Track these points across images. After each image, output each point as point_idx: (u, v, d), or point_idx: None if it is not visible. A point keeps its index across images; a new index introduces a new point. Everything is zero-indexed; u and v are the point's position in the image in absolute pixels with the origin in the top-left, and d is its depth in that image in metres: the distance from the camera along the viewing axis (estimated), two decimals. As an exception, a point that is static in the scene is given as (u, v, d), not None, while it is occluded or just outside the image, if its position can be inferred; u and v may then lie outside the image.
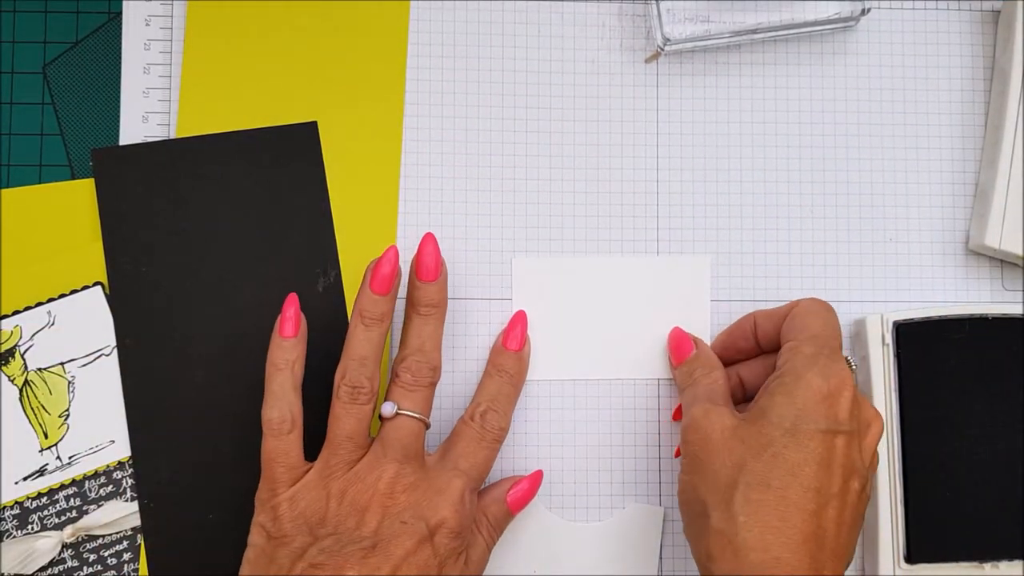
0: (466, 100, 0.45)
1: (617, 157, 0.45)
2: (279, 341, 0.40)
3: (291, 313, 0.40)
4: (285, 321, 0.40)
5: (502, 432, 0.41)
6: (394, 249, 0.40)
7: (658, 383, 0.45)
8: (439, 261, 0.41)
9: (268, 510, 0.38)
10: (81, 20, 0.46)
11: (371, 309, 0.40)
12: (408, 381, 0.40)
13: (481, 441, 0.41)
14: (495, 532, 0.42)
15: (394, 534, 0.37)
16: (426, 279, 0.41)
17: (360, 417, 0.39)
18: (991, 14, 0.47)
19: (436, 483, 0.39)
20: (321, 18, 0.45)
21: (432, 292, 0.41)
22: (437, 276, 0.41)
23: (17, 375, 0.43)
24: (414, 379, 0.40)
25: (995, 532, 0.42)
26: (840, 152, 0.46)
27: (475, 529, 0.41)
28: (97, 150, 0.44)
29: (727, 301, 0.45)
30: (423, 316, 0.41)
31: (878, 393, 0.43)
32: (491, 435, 0.41)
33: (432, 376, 0.40)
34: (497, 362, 0.43)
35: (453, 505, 0.38)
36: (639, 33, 0.46)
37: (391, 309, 0.40)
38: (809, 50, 0.46)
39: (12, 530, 0.43)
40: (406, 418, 0.39)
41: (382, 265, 0.40)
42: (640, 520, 0.44)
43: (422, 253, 0.41)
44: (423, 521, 0.38)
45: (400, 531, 0.38)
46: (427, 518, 0.38)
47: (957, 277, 0.46)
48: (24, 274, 0.43)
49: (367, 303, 0.40)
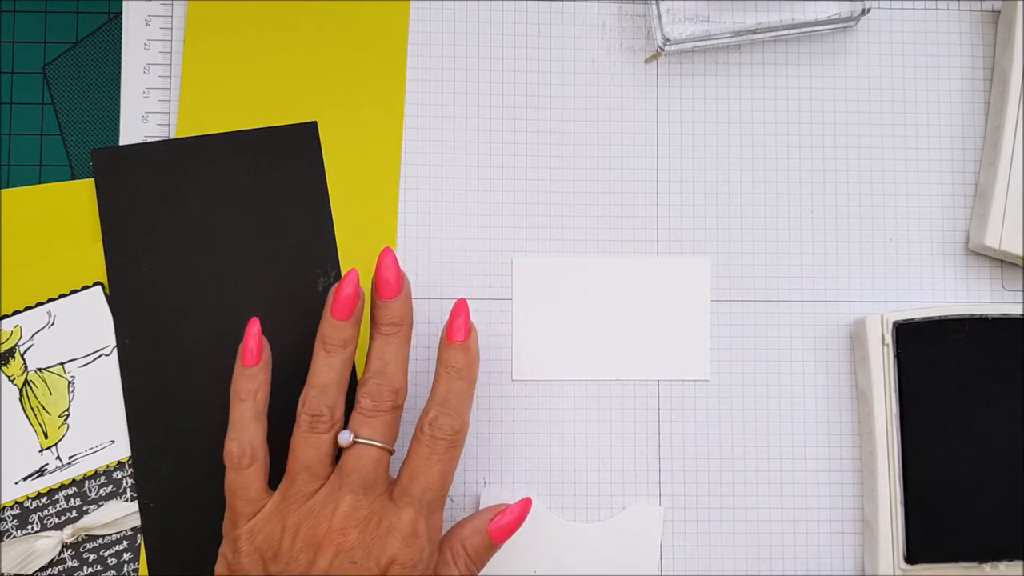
0: (466, 100, 0.45)
1: (617, 157, 0.45)
2: (241, 370, 0.39)
3: (253, 340, 0.39)
4: (247, 349, 0.39)
5: (456, 435, 0.39)
6: (355, 271, 0.39)
7: (658, 383, 0.45)
8: (399, 276, 0.39)
9: (230, 542, 0.38)
10: (81, 20, 0.46)
11: (332, 335, 0.39)
12: (367, 407, 0.38)
13: (431, 455, 0.38)
14: (474, 565, 0.39)
15: (344, 574, 0.36)
16: (386, 296, 0.39)
17: (318, 446, 0.38)
18: (991, 14, 0.47)
19: (387, 517, 0.37)
20: (321, 18, 0.45)
21: (394, 309, 0.39)
22: (398, 292, 0.39)
23: (17, 375, 0.43)
24: (374, 404, 0.38)
25: (995, 532, 0.42)
26: (840, 152, 0.46)
27: (450, 561, 0.39)
28: (97, 150, 0.44)
29: (727, 301, 0.45)
30: (385, 336, 0.39)
31: (878, 393, 0.43)
32: (442, 443, 0.38)
33: (394, 399, 0.39)
34: (443, 358, 0.40)
35: (403, 539, 0.37)
36: (639, 33, 0.46)
37: (355, 335, 0.39)
38: (809, 50, 0.46)
39: (12, 530, 0.43)
40: (365, 446, 0.38)
41: (342, 288, 0.39)
42: (640, 520, 0.44)
43: (380, 267, 0.39)
44: (373, 560, 0.37)
45: (349, 571, 0.36)
46: (377, 556, 0.37)
47: (957, 277, 0.46)
48: (24, 274, 0.43)
49: (327, 328, 0.39)
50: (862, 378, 0.44)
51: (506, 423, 0.44)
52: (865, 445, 0.44)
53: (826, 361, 0.45)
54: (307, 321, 0.43)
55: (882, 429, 0.43)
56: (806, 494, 0.44)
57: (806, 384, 0.45)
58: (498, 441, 0.44)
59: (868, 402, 0.43)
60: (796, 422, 0.45)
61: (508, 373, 0.44)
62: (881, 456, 0.43)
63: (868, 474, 0.44)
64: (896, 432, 0.43)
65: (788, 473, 0.44)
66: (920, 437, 0.43)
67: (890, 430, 0.43)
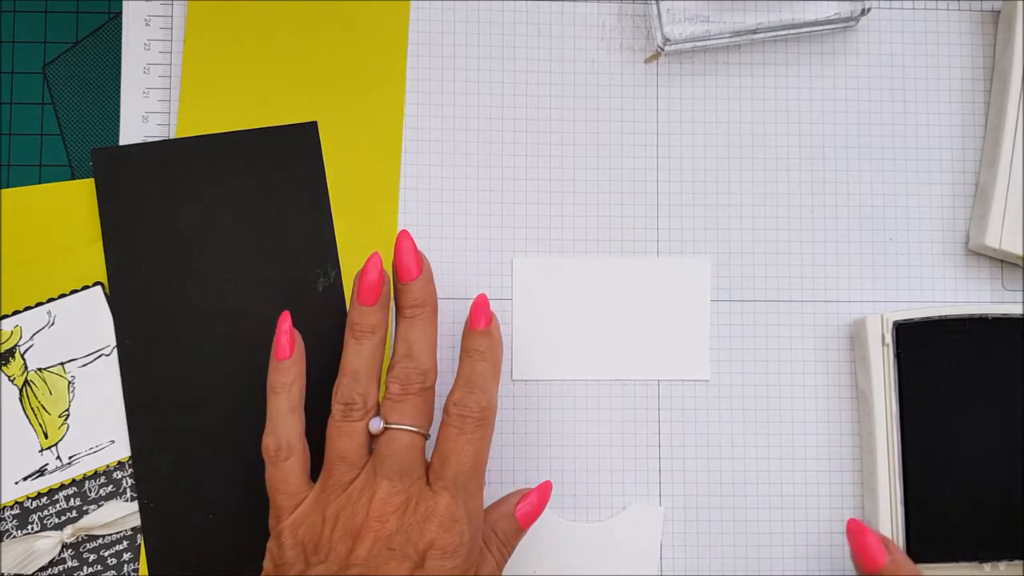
0: (466, 100, 0.45)
1: (617, 157, 0.45)
2: (275, 364, 0.39)
3: (285, 336, 0.39)
4: (279, 344, 0.39)
5: (484, 412, 0.38)
6: (377, 256, 0.39)
7: (658, 383, 0.45)
8: (418, 257, 0.40)
9: (275, 537, 0.38)
10: (81, 20, 0.46)
11: (359, 321, 0.39)
12: (396, 392, 0.38)
13: (460, 435, 0.37)
14: (505, 549, 0.40)
15: (382, 562, 0.36)
16: (406, 279, 0.39)
17: (352, 435, 0.38)
18: (991, 14, 0.47)
19: (424, 502, 0.37)
20: (321, 18, 0.45)
21: (415, 291, 0.39)
22: (418, 273, 0.39)
23: (17, 375, 0.43)
24: (402, 388, 0.38)
25: (995, 532, 0.42)
26: (840, 152, 0.46)
27: (484, 547, 0.39)
28: (97, 150, 0.44)
29: (727, 301, 0.45)
30: (408, 319, 0.39)
31: (878, 393, 0.43)
32: (470, 422, 0.38)
33: (422, 381, 0.38)
34: (466, 345, 0.40)
35: (441, 524, 0.36)
36: (639, 33, 0.46)
37: (383, 320, 0.39)
38: (809, 50, 0.46)
39: (12, 530, 0.43)
40: (396, 431, 0.38)
41: (367, 273, 0.39)
42: (640, 520, 0.44)
43: (399, 251, 0.39)
44: (412, 546, 0.36)
45: (388, 559, 0.36)
46: (415, 542, 0.36)
47: (957, 277, 0.46)
48: (24, 274, 0.43)
49: (355, 315, 0.39)
50: (862, 378, 0.44)
51: (506, 423, 0.44)
52: (865, 445, 0.44)
53: (826, 361, 0.45)
54: (307, 321, 0.43)
55: (882, 429, 0.43)
56: (806, 494, 0.44)
57: (806, 384, 0.45)
58: (498, 441, 0.44)
59: (868, 402, 0.43)
60: (796, 422, 0.45)
61: (508, 373, 0.44)
62: (881, 456, 0.43)
63: (868, 474, 0.44)
64: (896, 432, 0.43)
65: (788, 473, 0.44)
66: (920, 437, 0.43)
67: (890, 430, 0.43)
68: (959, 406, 0.43)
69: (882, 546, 0.39)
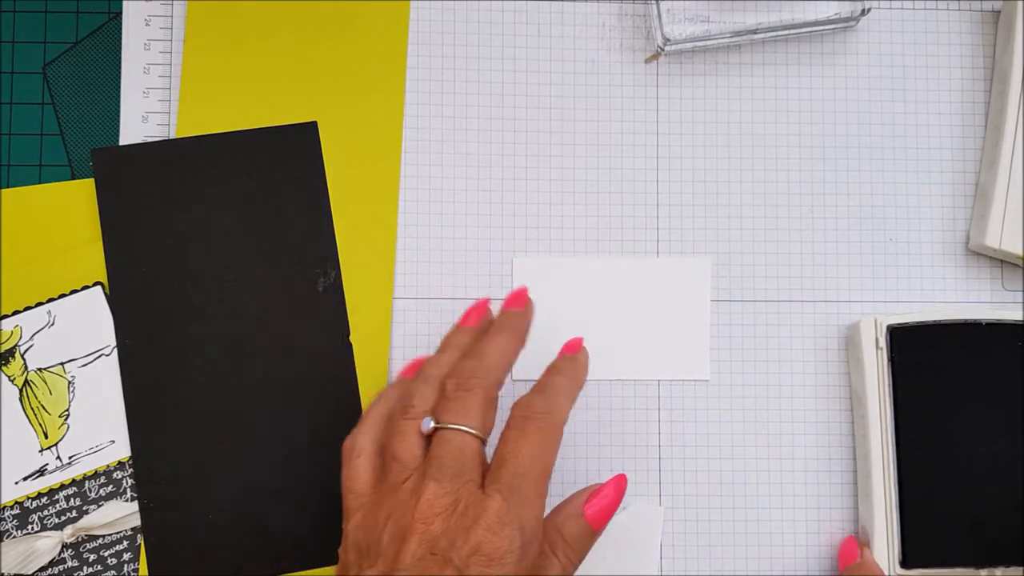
0: (466, 100, 0.45)
1: (617, 157, 0.45)
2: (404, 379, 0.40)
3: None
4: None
5: (548, 416, 0.36)
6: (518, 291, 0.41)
7: (658, 383, 0.45)
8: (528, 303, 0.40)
9: (344, 537, 0.37)
10: (81, 20, 0.46)
11: (452, 337, 0.40)
12: (451, 388, 0.36)
13: (520, 437, 0.35)
14: (573, 553, 0.36)
15: (425, 567, 0.33)
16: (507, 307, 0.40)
17: (405, 435, 0.36)
18: (991, 14, 0.47)
19: (474, 505, 0.34)
20: (321, 18, 0.45)
21: (510, 314, 0.40)
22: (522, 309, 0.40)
23: (17, 375, 0.43)
24: (458, 384, 0.36)
25: (990, 537, 0.42)
26: (840, 152, 0.46)
27: (549, 551, 0.36)
28: (97, 150, 0.44)
29: (727, 301, 0.45)
30: (492, 333, 0.39)
31: (872, 396, 0.43)
32: (532, 423, 0.36)
33: (481, 382, 0.36)
34: (551, 364, 0.39)
35: (488, 528, 0.34)
36: (639, 33, 0.46)
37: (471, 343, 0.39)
38: (809, 50, 0.46)
39: (12, 530, 0.43)
40: (449, 431, 0.36)
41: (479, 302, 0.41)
42: (640, 520, 0.44)
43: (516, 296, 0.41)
44: (455, 550, 0.33)
45: (431, 564, 0.33)
46: (460, 547, 0.33)
47: (957, 277, 0.46)
48: (24, 274, 0.43)
49: (452, 332, 0.40)
50: (856, 381, 0.44)
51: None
52: (860, 448, 0.44)
53: (827, 361, 0.45)
54: (307, 321, 0.43)
55: (876, 432, 0.43)
56: (806, 494, 0.44)
57: (807, 384, 0.45)
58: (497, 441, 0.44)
59: (863, 405, 0.43)
60: (797, 422, 0.45)
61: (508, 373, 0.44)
62: (876, 459, 0.43)
63: (863, 477, 0.44)
64: (891, 435, 0.43)
65: (788, 473, 0.44)
66: (915, 441, 0.43)
67: (885, 433, 0.43)
68: (954, 410, 0.43)
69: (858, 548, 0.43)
